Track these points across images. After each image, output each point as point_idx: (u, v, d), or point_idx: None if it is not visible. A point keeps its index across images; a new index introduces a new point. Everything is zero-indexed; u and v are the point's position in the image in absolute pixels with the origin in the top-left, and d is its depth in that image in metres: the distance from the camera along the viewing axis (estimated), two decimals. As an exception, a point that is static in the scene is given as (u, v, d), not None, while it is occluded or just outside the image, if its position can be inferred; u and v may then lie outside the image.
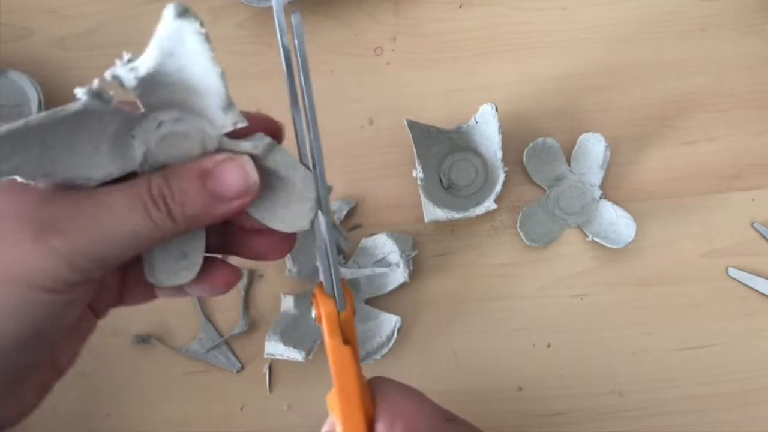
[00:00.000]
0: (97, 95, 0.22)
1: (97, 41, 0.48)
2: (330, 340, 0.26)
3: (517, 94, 0.47)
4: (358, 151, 0.47)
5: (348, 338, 0.26)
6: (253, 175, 0.24)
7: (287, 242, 0.27)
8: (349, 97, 0.47)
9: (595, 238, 0.44)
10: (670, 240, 0.45)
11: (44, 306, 0.22)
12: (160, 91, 0.24)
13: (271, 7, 0.24)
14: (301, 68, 0.24)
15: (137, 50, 0.23)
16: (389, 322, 0.43)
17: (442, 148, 0.46)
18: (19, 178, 0.22)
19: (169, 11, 0.22)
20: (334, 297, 0.26)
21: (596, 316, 0.44)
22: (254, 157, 0.25)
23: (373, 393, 0.27)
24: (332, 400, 0.26)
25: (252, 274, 0.45)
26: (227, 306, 0.45)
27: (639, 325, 0.44)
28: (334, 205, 0.45)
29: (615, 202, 0.44)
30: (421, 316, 0.45)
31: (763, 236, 0.45)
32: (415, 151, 0.43)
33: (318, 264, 0.27)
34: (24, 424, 0.45)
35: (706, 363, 0.43)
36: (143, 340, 0.44)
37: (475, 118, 0.44)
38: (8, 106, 0.45)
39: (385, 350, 0.42)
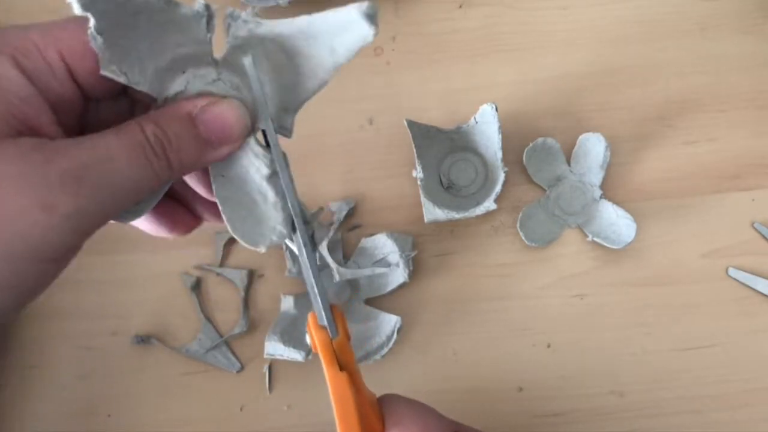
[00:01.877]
0: (207, 9, 0.22)
1: (96, 41, 0.48)
2: (327, 369, 0.26)
3: (517, 94, 0.47)
4: (357, 151, 0.47)
5: (344, 363, 0.27)
6: (244, 119, 0.24)
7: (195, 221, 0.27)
8: (348, 97, 0.47)
9: (595, 239, 0.43)
10: (670, 240, 0.45)
11: (46, 274, 0.21)
12: (247, 57, 0.24)
13: (271, 7, 0.24)
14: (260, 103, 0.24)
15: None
16: (389, 322, 0.43)
17: (442, 148, 0.46)
18: (91, 18, 0.21)
19: (360, 6, 0.22)
20: (326, 327, 0.27)
21: (596, 316, 0.44)
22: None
23: (383, 410, 0.27)
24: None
25: (252, 274, 0.45)
26: (227, 306, 0.45)
27: (639, 326, 0.44)
28: (334, 205, 0.45)
29: (615, 202, 0.44)
30: (421, 316, 0.45)
31: (763, 236, 0.45)
32: (415, 151, 0.43)
33: (308, 292, 0.27)
34: (23, 423, 0.45)
35: (707, 363, 0.43)
36: (143, 340, 0.44)
37: (475, 118, 0.44)
38: (8, 106, 0.45)
39: (385, 350, 0.42)
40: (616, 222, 0.44)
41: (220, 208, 0.25)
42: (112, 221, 0.23)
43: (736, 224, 0.45)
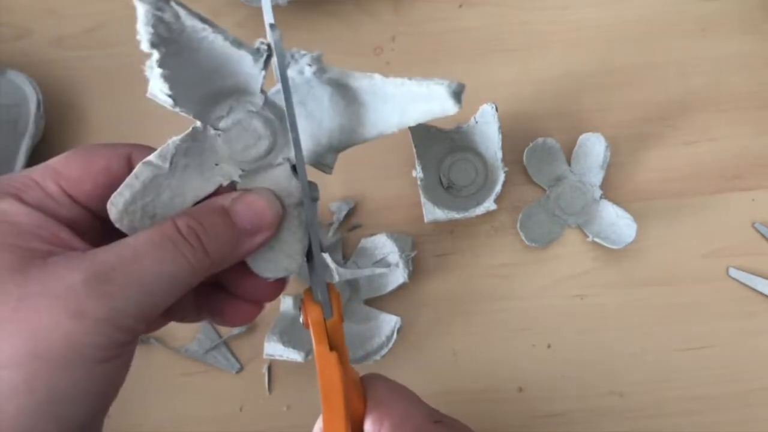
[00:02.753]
0: (268, 49, 0.23)
1: (96, 41, 0.48)
2: (316, 346, 0.26)
3: (517, 94, 0.47)
4: (357, 151, 0.46)
5: (335, 344, 0.27)
6: (276, 206, 0.25)
7: (278, 286, 0.27)
8: (348, 97, 0.47)
9: (595, 239, 0.43)
10: (670, 240, 0.45)
11: (105, 375, 0.21)
12: (286, 98, 0.24)
13: (272, 7, 0.24)
14: (282, 89, 0.25)
15: (136, 50, 0.23)
16: (389, 322, 0.43)
17: (442, 148, 0.46)
18: (155, 54, 0.21)
19: (450, 86, 0.23)
20: (321, 304, 0.27)
21: (596, 316, 0.44)
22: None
23: (365, 391, 0.27)
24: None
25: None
26: (227, 306, 0.45)
27: (639, 326, 0.44)
28: (334, 205, 0.45)
29: (615, 202, 0.44)
30: (421, 316, 0.45)
31: (763, 236, 0.44)
32: (415, 151, 0.43)
33: (307, 269, 0.27)
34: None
35: (707, 363, 0.43)
36: (142, 340, 0.44)
37: (475, 118, 0.44)
38: (7, 106, 0.45)
39: (385, 350, 0.42)
40: (616, 222, 0.44)
41: None
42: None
43: (736, 224, 0.45)
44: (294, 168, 0.26)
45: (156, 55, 0.22)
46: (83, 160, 0.24)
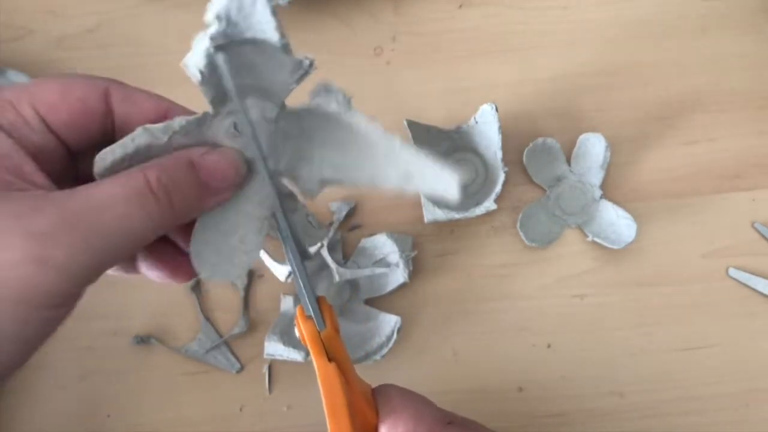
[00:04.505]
0: (310, 65, 0.24)
1: (96, 41, 0.48)
2: (315, 360, 0.27)
3: (517, 94, 0.47)
4: (357, 151, 0.46)
5: (333, 354, 0.27)
6: (240, 166, 0.25)
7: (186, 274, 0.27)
8: (348, 97, 0.47)
9: (595, 239, 0.43)
10: (670, 240, 0.45)
11: (46, 321, 0.21)
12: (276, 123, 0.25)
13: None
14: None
15: (136, 50, 0.23)
16: (389, 322, 0.43)
17: (442, 148, 0.46)
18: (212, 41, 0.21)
19: (460, 177, 0.23)
20: (312, 318, 0.27)
21: (596, 316, 0.44)
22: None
23: (377, 400, 0.27)
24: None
25: (252, 275, 0.45)
26: (227, 306, 0.45)
27: (639, 326, 0.44)
28: (334, 205, 0.45)
29: (615, 202, 0.44)
30: (421, 316, 0.45)
31: (763, 236, 0.44)
32: (415, 151, 0.43)
33: (296, 286, 0.27)
34: (24, 424, 0.45)
35: (707, 363, 0.43)
36: (143, 340, 0.44)
37: (475, 118, 0.44)
38: (7, 106, 0.45)
39: (385, 350, 0.42)
40: (616, 222, 0.44)
41: (193, 232, 0.25)
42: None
43: (736, 224, 0.45)
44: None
45: (213, 28, 0.21)
46: (60, 87, 0.23)
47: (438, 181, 0.24)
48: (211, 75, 0.23)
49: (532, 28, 0.48)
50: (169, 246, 0.27)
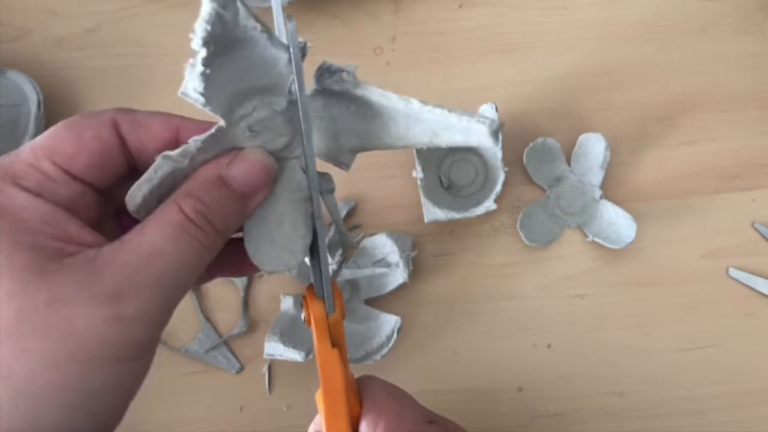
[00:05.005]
0: (303, 48, 0.24)
1: (96, 41, 0.48)
2: (318, 343, 0.26)
3: (517, 94, 0.47)
4: (357, 151, 0.46)
5: (336, 340, 0.27)
6: (269, 162, 0.25)
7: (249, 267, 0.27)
8: (348, 97, 0.47)
9: (595, 239, 0.43)
10: (670, 240, 0.45)
11: (135, 371, 0.22)
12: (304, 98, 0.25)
13: (270, 7, 0.24)
14: (295, 79, 0.25)
15: (136, 50, 0.23)
16: (389, 322, 0.43)
17: (442, 148, 0.45)
18: (202, 51, 0.21)
19: (491, 125, 0.24)
20: (324, 300, 0.26)
21: (596, 316, 0.44)
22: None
23: (360, 392, 0.27)
24: (320, 399, 0.27)
25: (252, 275, 0.45)
26: (227, 306, 0.45)
27: (639, 326, 0.44)
28: (334, 205, 0.45)
29: (615, 202, 0.44)
30: (421, 316, 0.45)
31: (763, 236, 0.44)
32: (414, 151, 0.43)
33: (309, 265, 0.27)
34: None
35: (707, 363, 0.43)
36: (143, 340, 0.44)
37: (475, 118, 0.44)
38: (7, 106, 0.45)
39: (385, 350, 0.42)
40: (616, 222, 0.44)
41: (244, 233, 0.26)
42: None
43: (736, 224, 0.45)
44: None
45: (203, 53, 0.22)
46: (73, 133, 0.23)
47: (469, 134, 0.24)
48: (212, 94, 0.23)
49: (532, 28, 0.48)
50: (230, 245, 0.27)
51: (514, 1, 0.48)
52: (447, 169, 0.46)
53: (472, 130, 0.24)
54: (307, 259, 0.27)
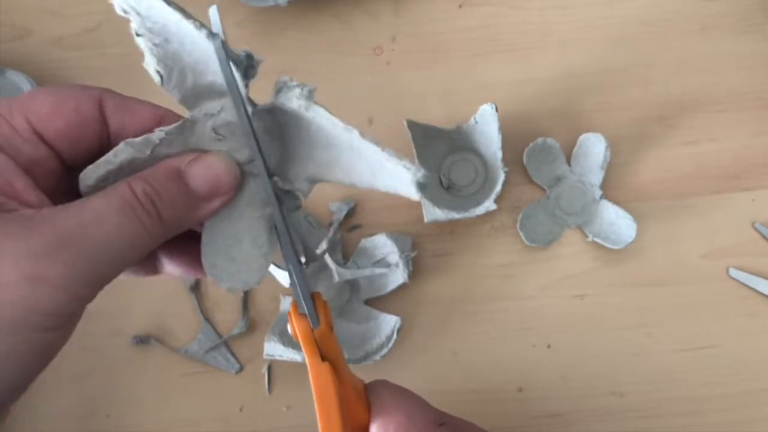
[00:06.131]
0: (248, 58, 0.23)
1: (95, 41, 0.48)
2: (307, 359, 0.26)
3: (517, 94, 0.47)
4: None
5: (327, 353, 0.26)
6: (233, 171, 0.24)
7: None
8: (348, 96, 0.47)
9: (595, 239, 0.43)
10: (670, 240, 0.45)
11: (48, 343, 0.21)
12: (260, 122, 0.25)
13: (271, 7, 0.24)
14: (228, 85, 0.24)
15: (136, 50, 0.23)
16: (389, 322, 0.43)
17: (442, 148, 0.46)
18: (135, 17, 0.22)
19: (416, 173, 0.22)
20: (307, 316, 0.26)
21: (597, 316, 0.44)
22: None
23: (369, 397, 0.27)
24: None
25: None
26: (226, 307, 0.45)
27: (639, 326, 0.44)
28: (334, 205, 0.45)
29: (615, 202, 0.44)
30: (421, 316, 0.45)
31: (763, 236, 0.44)
32: (414, 151, 0.43)
33: (291, 282, 0.26)
34: (23, 424, 0.45)
35: (707, 364, 0.43)
36: (142, 340, 0.44)
37: (475, 118, 0.44)
38: (7, 106, 0.45)
39: (385, 351, 0.42)
40: (616, 222, 0.44)
41: (202, 246, 0.25)
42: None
43: (736, 224, 0.45)
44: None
45: (134, 23, 0.22)
46: (54, 98, 0.23)
47: (396, 179, 0.23)
48: (169, 76, 0.23)
49: (532, 28, 0.48)
50: (193, 241, 0.27)
51: (514, 1, 0.48)
52: (447, 169, 0.46)
53: (398, 176, 0.23)
54: (286, 276, 0.26)
